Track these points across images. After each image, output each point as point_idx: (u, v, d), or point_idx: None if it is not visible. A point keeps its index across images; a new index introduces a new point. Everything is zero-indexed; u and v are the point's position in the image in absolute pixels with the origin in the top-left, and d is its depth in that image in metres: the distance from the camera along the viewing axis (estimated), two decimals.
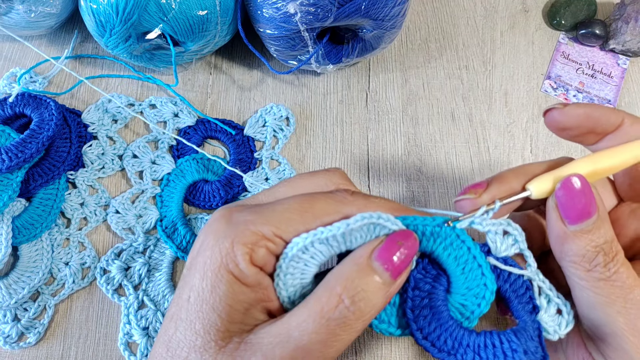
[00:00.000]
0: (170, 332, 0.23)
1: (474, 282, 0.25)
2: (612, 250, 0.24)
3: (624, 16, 0.49)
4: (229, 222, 0.23)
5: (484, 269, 0.25)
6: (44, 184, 0.40)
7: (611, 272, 0.24)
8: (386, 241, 0.23)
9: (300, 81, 0.48)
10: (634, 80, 0.50)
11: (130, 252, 0.40)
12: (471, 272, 0.25)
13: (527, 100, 0.48)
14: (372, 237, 0.24)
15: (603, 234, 0.24)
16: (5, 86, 0.45)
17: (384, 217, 0.23)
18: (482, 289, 0.25)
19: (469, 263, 0.25)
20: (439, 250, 0.25)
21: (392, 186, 0.44)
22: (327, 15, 0.39)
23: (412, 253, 0.23)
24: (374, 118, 0.47)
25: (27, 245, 0.39)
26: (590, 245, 0.24)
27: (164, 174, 0.42)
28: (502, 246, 0.25)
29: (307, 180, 0.26)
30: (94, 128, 0.43)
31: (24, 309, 0.38)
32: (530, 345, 0.24)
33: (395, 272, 0.23)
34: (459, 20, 0.52)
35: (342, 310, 0.21)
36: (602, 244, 0.24)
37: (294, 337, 0.21)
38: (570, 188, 0.24)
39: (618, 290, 0.24)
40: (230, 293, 0.22)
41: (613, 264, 0.24)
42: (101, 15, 0.39)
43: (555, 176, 0.25)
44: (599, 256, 0.24)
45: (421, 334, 0.24)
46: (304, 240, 0.23)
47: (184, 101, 0.46)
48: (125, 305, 0.38)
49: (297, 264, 0.23)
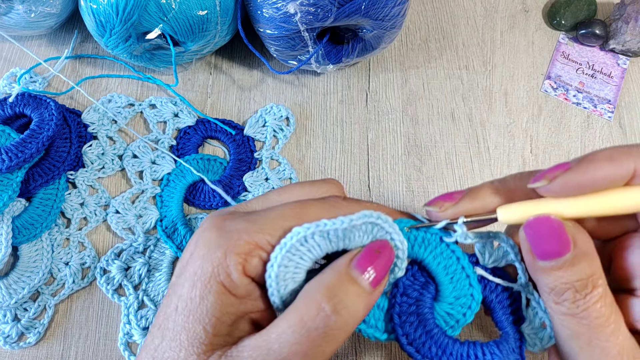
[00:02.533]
0: (157, 342, 0.22)
1: (462, 292, 0.25)
2: (587, 287, 0.22)
3: (624, 16, 0.49)
4: (221, 230, 0.23)
5: (471, 279, 0.25)
6: (44, 184, 0.40)
7: (579, 310, 0.23)
8: (365, 249, 0.23)
9: (300, 81, 0.48)
10: (634, 80, 0.50)
11: (130, 252, 0.40)
12: (459, 282, 0.25)
13: (527, 100, 0.48)
14: (368, 238, 0.24)
15: (578, 271, 0.23)
16: (5, 86, 0.45)
17: (383, 218, 0.23)
18: (468, 299, 0.25)
19: (458, 273, 0.25)
20: (429, 259, 0.25)
21: (392, 186, 0.44)
22: (327, 15, 0.39)
23: (389, 262, 0.23)
24: (374, 118, 0.47)
25: (27, 245, 0.39)
26: (559, 281, 0.23)
27: (164, 174, 0.42)
28: (490, 258, 0.26)
29: (300, 189, 0.26)
30: (94, 128, 0.43)
31: (24, 309, 0.38)
32: (511, 358, 0.24)
33: (374, 281, 0.23)
34: (459, 20, 0.52)
35: (322, 319, 0.21)
36: (575, 281, 0.22)
37: (273, 349, 0.21)
38: (538, 229, 0.23)
39: (584, 328, 0.23)
40: (218, 305, 0.22)
41: (584, 301, 0.22)
42: (101, 15, 0.39)
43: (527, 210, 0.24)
44: (568, 292, 0.23)
45: (407, 340, 0.25)
46: (305, 230, 0.22)
47: (184, 101, 0.46)
48: (125, 305, 0.38)
49: (293, 256, 0.23)
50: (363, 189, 0.44)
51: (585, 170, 0.23)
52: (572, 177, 0.23)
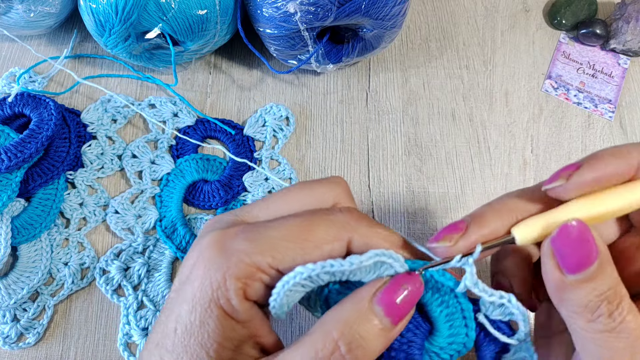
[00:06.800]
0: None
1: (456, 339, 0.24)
2: (616, 296, 0.22)
3: (624, 16, 0.49)
4: (222, 250, 0.21)
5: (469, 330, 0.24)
6: (43, 184, 0.40)
7: (617, 323, 0.21)
8: (390, 283, 0.22)
9: (300, 81, 0.48)
10: (634, 80, 0.50)
11: (129, 252, 0.39)
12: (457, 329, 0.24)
13: (528, 100, 0.48)
14: (375, 273, 0.22)
15: (607, 279, 0.22)
16: (5, 86, 0.45)
17: (395, 256, 0.22)
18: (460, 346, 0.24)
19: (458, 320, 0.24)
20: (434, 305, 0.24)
21: (392, 186, 0.44)
22: (327, 15, 0.38)
23: (416, 297, 0.22)
24: (374, 118, 0.47)
25: (27, 245, 0.39)
26: (592, 294, 0.21)
27: (163, 174, 0.42)
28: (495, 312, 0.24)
29: (304, 193, 0.25)
30: (93, 128, 0.43)
31: (23, 310, 0.38)
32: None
33: (397, 317, 0.21)
34: (459, 19, 0.52)
35: (337, 358, 0.20)
36: (606, 291, 0.21)
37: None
38: (568, 236, 0.22)
39: (623, 343, 0.21)
40: (219, 330, 0.21)
41: (618, 312, 0.21)
42: (100, 14, 0.39)
43: (546, 221, 0.23)
44: (602, 306, 0.21)
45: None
46: (310, 271, 0.21)
47: (183, 101, 0.45)
48: (125, 305, 0.38)
49: (295, 288, 0.22)
50: (363, 189, 0.44)
51: (595, 166, 0.23)
52: (586, 174, 0.22)
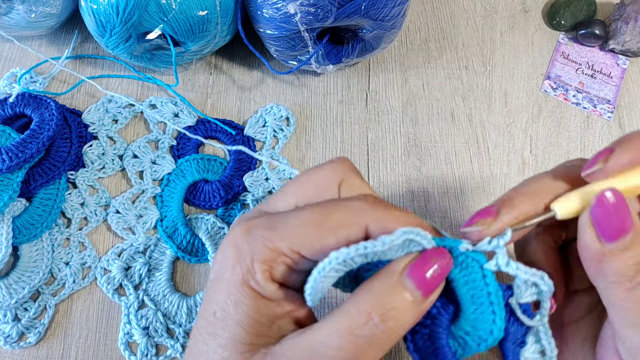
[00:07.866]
0: (199, 345, 0.23)
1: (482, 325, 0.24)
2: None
3: (623, 16, 0.49)
4: (248, 236, 0.23)
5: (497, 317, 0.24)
6: (45, 184, 0.40)
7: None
8: (420, 258, 0.23)
9: (300, 81, 0.48)
10: (633, 81, 0.50)
11: (130, 252, 0.40)
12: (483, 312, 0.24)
13: (527, 100, 0.48)
14: (404, 251, 0.23)
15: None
16: (6, 86, 0.45)
17: (422, 234, 0.22)
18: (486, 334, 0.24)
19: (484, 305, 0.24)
20: (460, 282, 0.24)
21: (392, 186, 0.44)
22: (327, 16, 0.39)
23: (445, 271, 0.23)
24: (374, 118, 0.47)
25: (28, 245, 0.39)
26: (630, 262, 0.22)
27: (164, 174, 0.43)
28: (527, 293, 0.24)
29: (311, 177, 0.26)
30: (94, 128, 0.43)
31: (24, 309, 0.38)
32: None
33: (428, 290, 0.22)
34: (458, 20, 0.52)
35: (370, 328, 0.21)
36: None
37: (318, 351, 0.21)
38: (606, 204, 0.23)
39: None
40: (254, 308, 0.22)
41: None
42: (101, 15, 0.39)
43: (583, 193, 0.24)
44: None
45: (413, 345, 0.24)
46: (345, 255, 0.22)
47: (184, 101, 0.46)
48: (126, 305, 0.38)
49: (329, 274, 0.22)
50: None
51: (628, 148, 0.24)
52: (623, 155, 0.24)
